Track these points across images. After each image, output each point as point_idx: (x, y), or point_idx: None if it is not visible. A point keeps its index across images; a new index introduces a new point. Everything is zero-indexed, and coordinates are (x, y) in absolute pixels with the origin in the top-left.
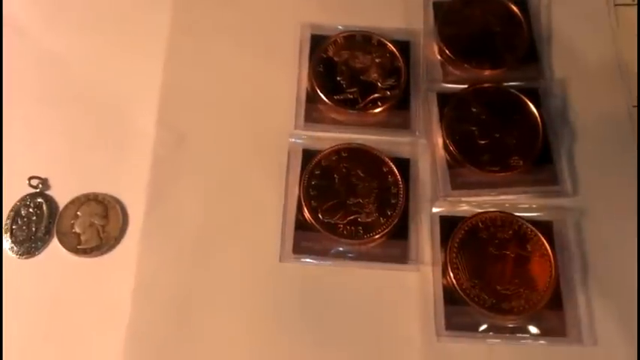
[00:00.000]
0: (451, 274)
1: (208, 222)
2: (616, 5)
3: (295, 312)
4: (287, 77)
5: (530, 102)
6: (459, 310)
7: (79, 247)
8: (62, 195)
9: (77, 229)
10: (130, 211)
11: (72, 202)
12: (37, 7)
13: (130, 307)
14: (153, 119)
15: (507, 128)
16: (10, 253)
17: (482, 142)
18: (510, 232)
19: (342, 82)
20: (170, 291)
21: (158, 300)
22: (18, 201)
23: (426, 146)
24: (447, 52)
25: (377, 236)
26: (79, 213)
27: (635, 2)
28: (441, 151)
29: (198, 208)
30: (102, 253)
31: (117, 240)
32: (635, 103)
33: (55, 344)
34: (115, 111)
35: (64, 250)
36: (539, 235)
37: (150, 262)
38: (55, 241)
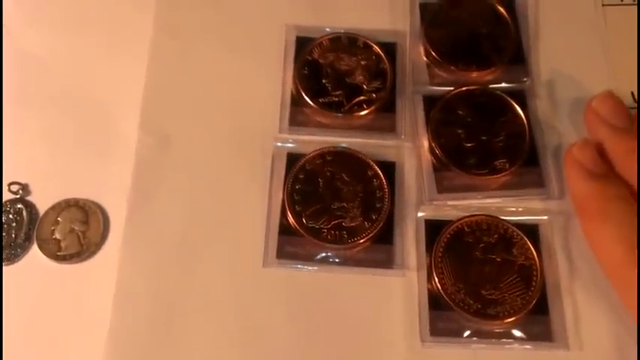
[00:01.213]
0: (436, 279)
1: (191, 227)
2: (604, 5)
3: (279, 317)
4: (272, 80)
5: (517, 104)
6: (443, 316)
7: (59, 253)
8: (43, 201)
9: (57, 236)
10: (112, 216)
11: (52, 207)
12: (17, 7)
13: (110, 313)
14: (135, 122)
15: (494, 131)
16: None
17: (469, 145)
18: (496, 235)
19: (327, 84)
20: (151, 297)
21: (139, 307)
22: None
23: (411, 149)
24: (434, 54)
25: (362, 241)
26: (59, 219)
27: (623, 2)
28: (426, 155)
29: (181, 213)
30: (82, 260)
31: (98, 246)
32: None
33: (35, 351)
34: (96, 114)
35: (44, 256)
36: (525, 238)
37: (131, 268)
38: (34, 248)
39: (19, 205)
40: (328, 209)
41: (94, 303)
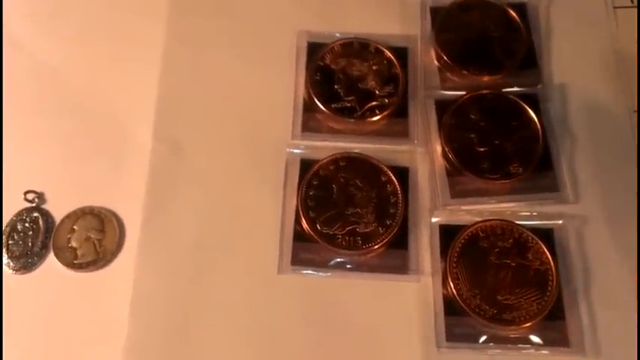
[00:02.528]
0: (451, 285)
1: (206, 234)
2: (615, 8)
3: (295, 324)
4: (284, 86)
5: (530, 108)
6: (459, 321)
7: (75, 261)
8: (58, 209)
9: (74, 244)
10: (127, 224)
11: (68, 216)
12: (32, 19)
13: (127, 322)
14: (149, 131)
15: (507, 135)
16: (6, 268)
17: (482, 149)
18: (511, 240)
19: (339, 90)
20: (168, 305)
21: (156, 314)
22: (14, 216)
23: (424, 154)
24: (445, 58)
25: (376, 246)
26: (75, 227)
27: (635, 4)
28: (439, 159)
29: (196, 220)
30: (99, 268)
31: (114, 254)
32: (635, 108)
33: None
34: (110, 123)
35: (60, 265)
36: (540, 243)
37: (147, 275)
38: (51, 256)
39: (35, 214)
40: (342, 215)
41: (111, 311)
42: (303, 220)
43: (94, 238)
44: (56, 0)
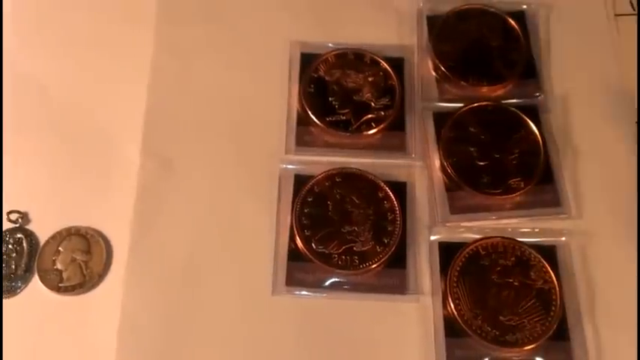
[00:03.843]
0: (452, 305)
1: (196, 255)
2: (616, 15)
3: (290, 347)
4: (277, 99)
5: (530, 120)
6: (460, 343)
7: (60, 284)
8: (43, 229)
9: (59, 266)
10: (115, 244)
11: (53, 236)
12: (13, 28)
13: (115, 347)
14: (137, 146)
15: (507, 148)
16: None
17: (482, 163)
18: (513, 258)
19: (334, 102)
20: (157, 329)
21: (145, 339)
22: None
23: (422, 169)
24: (443, 68)
25: (373, 266)
26: (60, 248)
27: (636, 12)
28: (438, 174)
29: (186, 239)
30: (85, 291)
31: (101, 276)
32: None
33: None
34: (97, 138)
35: (45, 288)
36: (543, 261)
37: (135, 298)
38: (35, 279)
39: (19, 235)
40: (338, 233)
41: (99, 336)
42: (298, 239)
43: (79, 260)
44: (40, 10)
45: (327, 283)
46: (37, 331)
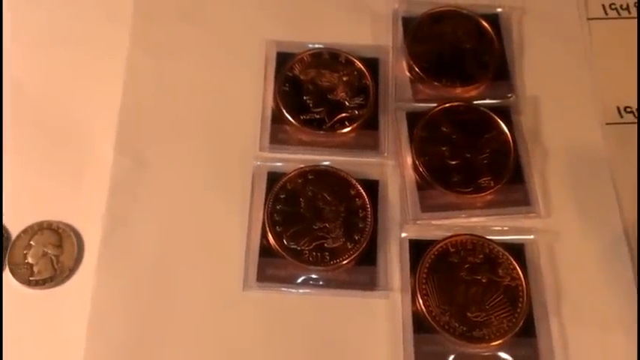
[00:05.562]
0: (420, 301)
1: (168, 250)
2: (589, 19)
3: (260, 342)
4: (252, 97)
5: (502, 120)
6: (428, 339)
7: (31, 278)
8: (14, 224)
9: (30, 260)
10: (86, 239)
11: (24, 231)
12: None
13: (85, 340)
14: (111, 142)
15: (478, 148)
16: None
17: (453, 162)
18: (481, 256)
19: (308, 101)
20: (127, 324)
21: (114, 333)
22: None
23: (395, 167)
24: (417, 69)
25: (344, 262)
26: (32, 242)
27: (608, 16)
28: (410, 173)
29: (158, 235)
30: (56, 285)
31: (72, 270)
32: (608, 121)
33: None
34: (70, 133)
35: (16, 282)
36: (511, 258)
37: (106, 293)
38: (6, 273)
39: None
40: (310, 230)
41: (69, 330)
42: (270, 235)
43: (51, 254)
44: (15, 6)
45: (298, 279)
46: (7, 324)
